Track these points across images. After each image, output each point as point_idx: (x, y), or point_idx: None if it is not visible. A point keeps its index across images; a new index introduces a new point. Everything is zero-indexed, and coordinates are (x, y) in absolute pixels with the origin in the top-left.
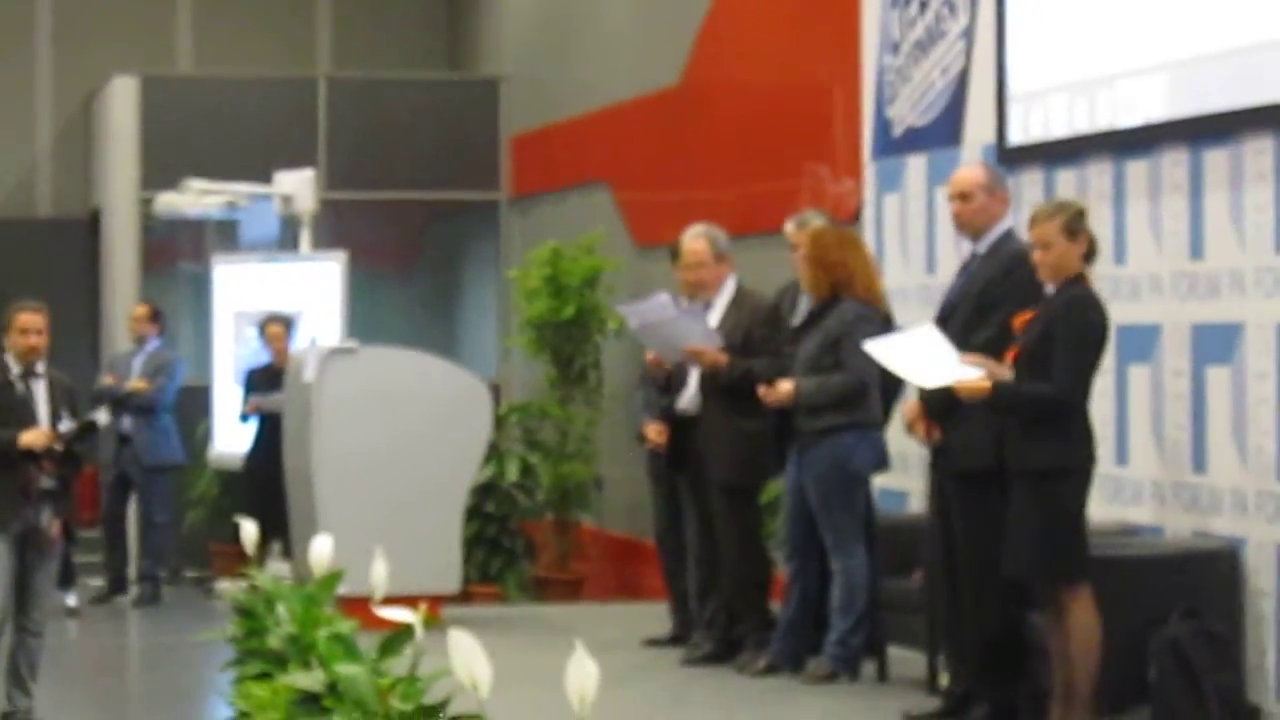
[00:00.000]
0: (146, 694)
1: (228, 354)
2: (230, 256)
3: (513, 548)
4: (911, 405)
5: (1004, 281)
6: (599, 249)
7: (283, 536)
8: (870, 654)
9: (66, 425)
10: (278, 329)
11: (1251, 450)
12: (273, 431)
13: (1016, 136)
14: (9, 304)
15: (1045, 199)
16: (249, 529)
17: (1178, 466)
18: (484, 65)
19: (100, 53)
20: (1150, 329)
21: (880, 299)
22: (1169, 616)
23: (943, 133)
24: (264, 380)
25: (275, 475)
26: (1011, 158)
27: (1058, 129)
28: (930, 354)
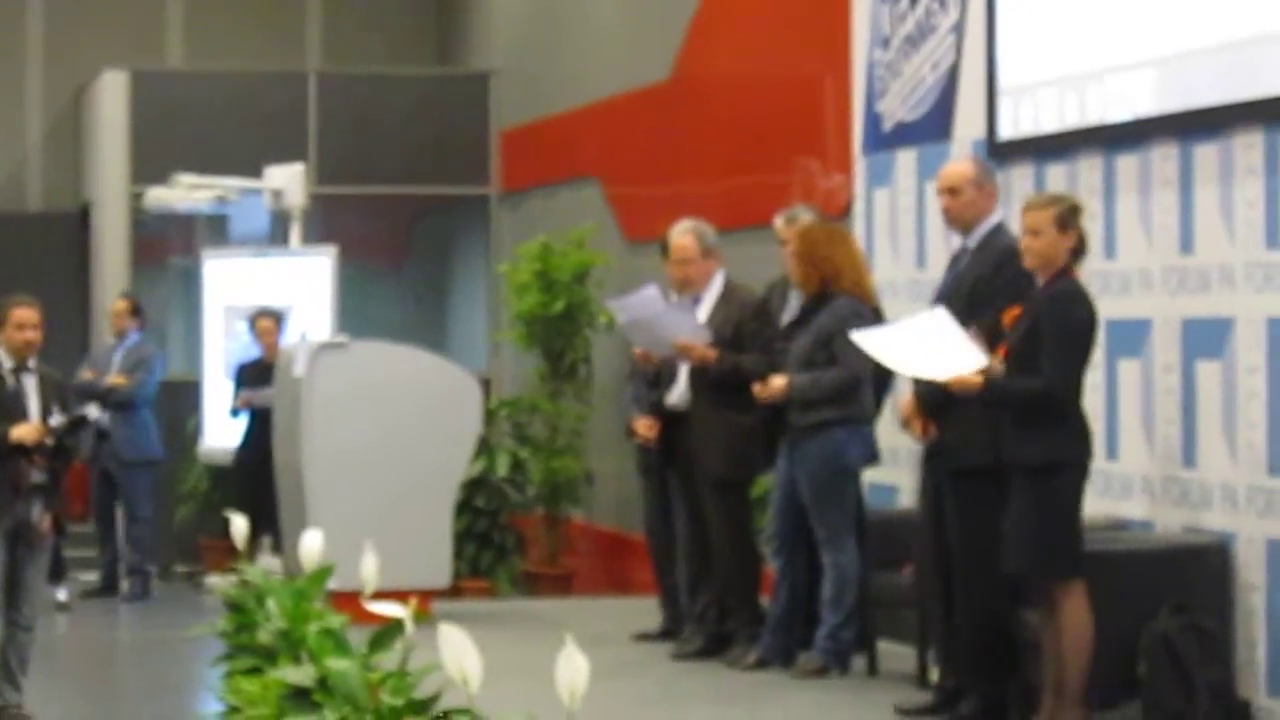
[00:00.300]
0: (136, 688)
1: (218, 349)
2: (220, 251)
3: (503, 542)
4: (907, 402)
5: (995, 278)
6: (589, 244)
7: (273, 531)
8: (861, 649)
9: (57, 420)
10: (268, 324)
11: (1242, 445)
12: (263, 426)
13: (1006, 131)
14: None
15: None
16: (239, 524)
17: (1168, 461)
18: (474, 60)
19: (90, 47)
20: (1140, 324)
21: (870, 294)
22: (1159, 611)
23: (933, 127)
24: (254, 375)
25: (266, 470)
26: (1002, 152)
27: (1048, 124)
28: (933, 340)
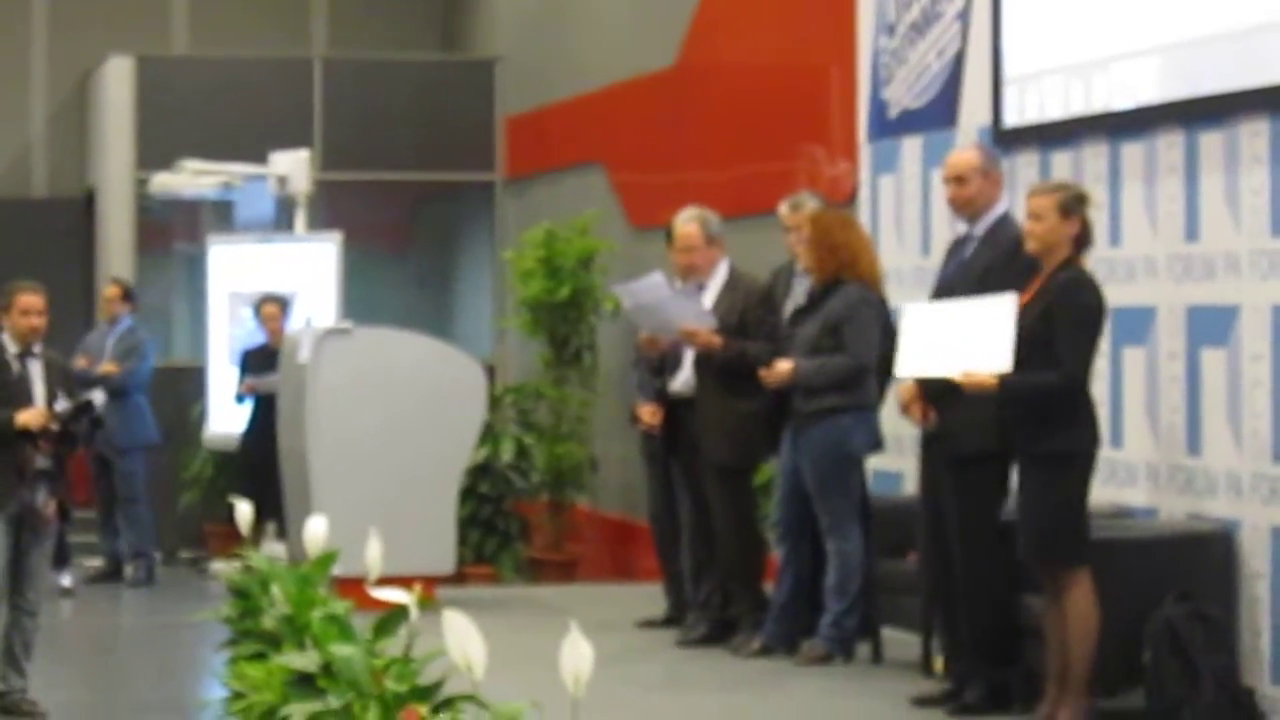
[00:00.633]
0: (141, 674)
1: (223, 334)
2: (225, 237)
3: (507, 529)
4: (907, 388)
5: (1006, 267)
6: (594, 230)
7: (278, 517)
8: (865, 636)
9: (63, 405)
10: (273, 309)
11: (1246, 433)
12: (268, 412)
13: (1012, 118)
14: (5, 284)
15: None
16: (244, 510)
17: (1173, 449)
18: (479, 46)
19: (96, 32)
20: (1145, 311)
21: (879, 281)
22: (1164, 599)
23: (938, 115)
24: (259, 361)
25: (270, 456)
26: (1007, 140)
27: (1053, 111)
28: (977, 328)
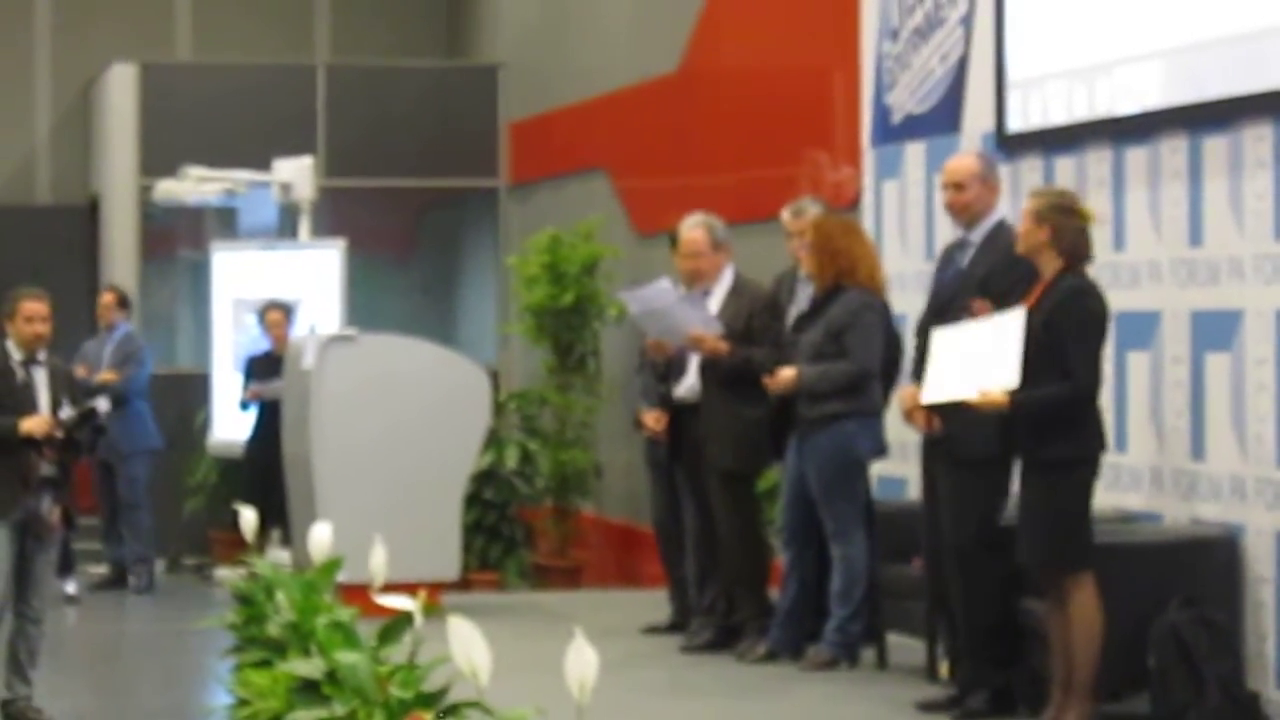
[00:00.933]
0: (145, 681)
1: (227, 341)
2: (229, 244)
3: (512, 535)
4: (910, 394)
5: (1009, 272)
6: (598, 236)
7: (282, 524)
8: (870, 641)
9: (67, 412)
10: (277, 316)
11: (1251, 437)
12: (272, 419)
13: (1015, 123)
14: (9, 291)
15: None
16: (248, 516)
17: (1177, 453)
18: (483, 52)
19: (99, 39)
20: (1150, 316)
21: (882, 287)
22: (1168, 604)
23: (942, 120)
24: (264, 367)
25: (275, 463)
26: (1010, 145)
27: (1057, 116)
28: (989, 346)
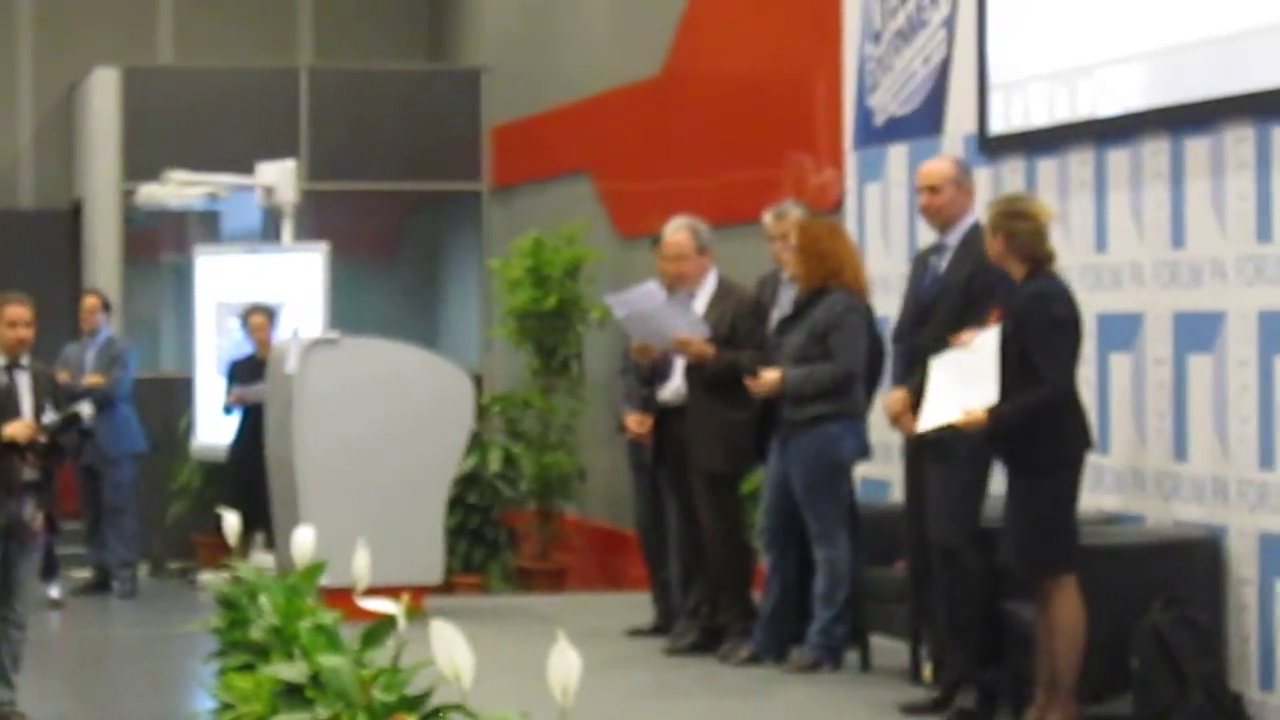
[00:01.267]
0: (129, 685)
1: (210, 345)
2: (212, 247)
3: (495, 538)
4: (897, 398)
5: (988, 273)
6: (581, 239)
7: (265, 528)
8: (853, 643)
9: (50, 417)
10: (260, 319)
11: (1233, 439)
12: (256, 423)
13: (998, 126)
14: None
15: (1026, 188)
16: (232, 520)
17: (1159, 455)
18: (465, 56)
19: (82, 44)
20: (1132, 317)
21: (866, 289)
22: (1151, 605)
23: (924, 122)
24: (247, 371)
25: (258, 466)
26: (993, 147)
27: (1038, 118)
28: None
